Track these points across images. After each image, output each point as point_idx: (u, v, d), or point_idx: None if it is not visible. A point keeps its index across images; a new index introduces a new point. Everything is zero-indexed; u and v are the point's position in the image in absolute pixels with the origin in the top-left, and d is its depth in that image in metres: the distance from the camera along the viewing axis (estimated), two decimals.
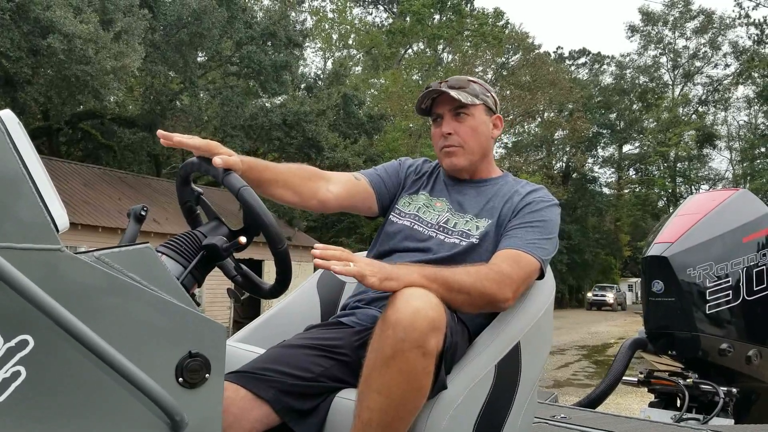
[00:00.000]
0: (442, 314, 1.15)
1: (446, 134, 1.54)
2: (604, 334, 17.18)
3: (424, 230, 1.51)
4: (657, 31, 40.49)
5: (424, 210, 1.56)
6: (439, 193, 1.59)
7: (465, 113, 1.54)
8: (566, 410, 2.51)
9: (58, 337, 0.83)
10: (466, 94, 1.53)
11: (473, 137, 1.54)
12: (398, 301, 1.14)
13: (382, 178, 1.62)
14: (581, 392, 6.81)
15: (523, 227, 1.45)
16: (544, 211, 1.49)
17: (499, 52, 30.80)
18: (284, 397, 1.26)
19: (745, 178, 35.38)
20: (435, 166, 1.67)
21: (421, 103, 1.58)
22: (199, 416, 0.94)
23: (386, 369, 1.12)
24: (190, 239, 1.17)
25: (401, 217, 1.56)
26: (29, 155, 0.87)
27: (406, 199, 1.60)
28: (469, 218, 1.51)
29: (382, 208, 1.62)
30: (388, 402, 1.13)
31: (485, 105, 1.57)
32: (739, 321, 2.76)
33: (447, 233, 1.49)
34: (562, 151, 38.37)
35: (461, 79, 1.57)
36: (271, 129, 17.21)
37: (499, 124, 1.61)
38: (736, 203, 2.89)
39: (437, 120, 1.58)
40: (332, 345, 1.35)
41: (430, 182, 1.63)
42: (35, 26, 11.55)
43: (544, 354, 1.53)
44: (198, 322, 0.96)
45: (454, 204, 1.55)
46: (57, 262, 0.84)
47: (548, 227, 1.46)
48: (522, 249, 1.40)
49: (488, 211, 1.51)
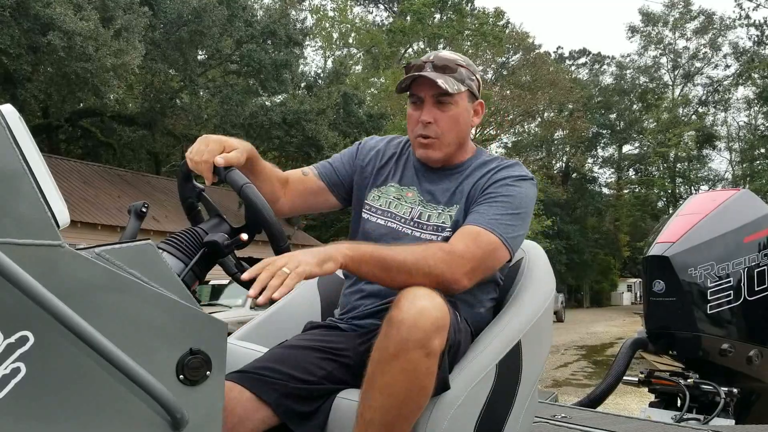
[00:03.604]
0: (446, 314, 1.14)
1: (425, 123, 1.40)
2: (602, 334, 17.19)
3: (399, 227, 1.42)
4: (657, 31, 40.47)
5: (396, 204, 1.46)
6: (409, 181, 1.47)
7: (448, 101, 1.39)
8: (567, 410, 2.51)
9: (59, 333, 0.82)
10: (452, 80, 1.38)
11: (454, 128, 1.41)
12: (403, 301, 1.13)
13: (334, 168, 1.52)
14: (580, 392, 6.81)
15: (487, 202, 1.35)
16: (512, 186, 1.37)
17: (500, 51, 30.79)
18: (286, 400, 1.26)
19: (744, 179, 35.37)
20: (404, 147, 1.53)
21: (402, 82, 1.42)
22: (199, 413, 0.94)
23: (389, 368, 1.11)
24: (192, 236, 1.17)
25: (373, 214, 1.47)
26: (30, 150, 0.86)
27: (375, 192, 1.49)
28: (441, 209, 1.42)
29: (344, 199, 1.53)
30: (390, 401, 1.13)
31: (469, 91, 1.43)
32: (740, 321, 2.76)
33: (422, 228, 1.41)
34: (561, 151, 38.38)
35: (449, 60, 1.41)
36: (271, 128, 17.20)
37: (480, 110, 1.48)
38: (737, 203, 2.88)
39: (416, 102, 1.42)
40: (335, 348, 1.34)
41: (399, 168, 1.50)
42: (35, 23, 11.54)
43: (544, 353, 1.53)
44: (199, 320, 0.95)
45: (425, 194, 1.45)
46: (57, 258, 0.84)
47: (515, 202, 1.35)
48: (481, 225, 1.29)
49: (457, 195, 1.42)
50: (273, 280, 1.03)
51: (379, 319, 1.33)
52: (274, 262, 1.07)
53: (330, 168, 1.52)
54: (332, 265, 1.12)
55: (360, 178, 1.52)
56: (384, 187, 1.49)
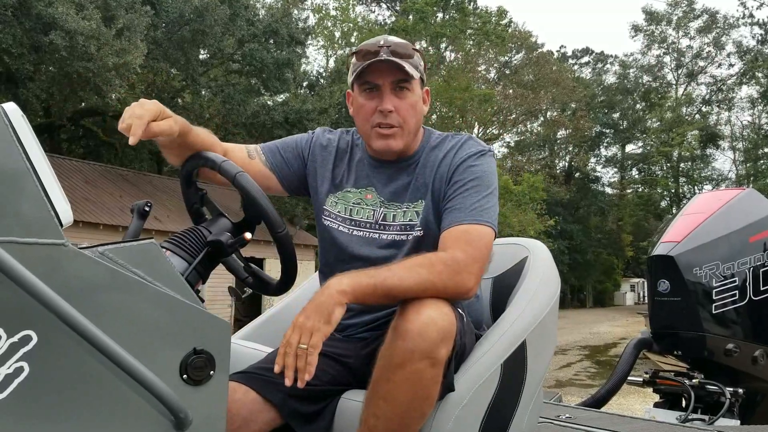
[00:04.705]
0: (453, 323, 1.13)
1: (387, 111, 1.32)
2: (606, 335, 17.17)
3: (365, 233, 1.37)
4: (660, 30, 40.40)
5: (357, 210, 1.39)
6: (365, 183, 1.41)
7: (407, 87, 1.33)
8: (571, 410, 2.50)
9: (62, 332, 0.81)
10: (410, 65, 1.31)
11: (413, 116, 1.35)
12: (409, 310, 1.12)
13: (285, 159, 1.44)
14: (583, 392, 6.80)
15: (460, 194, 1.30)
16: (475, 166, 1.33)
17: (502, 50, 30.76)
18: (291, 401, 1.25)
19: (748, 178, 35.31)
20: (351, 144, 1.47)
21: (357, 68, 1.33)
22: (203, 413, 0.93)
23: (394, 377, 1.10)
24: (195, 235, 1.16)
25: (334, 221, 1.40)
26: (33, 149, 0.86)
27: (332, 198, 1.43)
28: (406, 207, 1.36)
29: (292, 189, 1.47)
30: (393, 410, 1.12)
31: (421, 78, 1.37)
32: (746, 321, 2.75)
33: (388, 229, 1.36)
34: (564, 151, 38.35)
35: (405, 45, 1.34)
36: (273, 127, 17.21)
37: (426, 98, 1.42)
38: (742, 203, 2.87)
39: (371, 90, 1.34)
40: (338, 353, 1.33)
41: (352, 169, 1.43)
42: (37, 23, 11.56)
43: (549, 353, 1.52)
44: (203, 319, 0.94)
45: (384, 194, 1.39)
46: (61, 256, 0.83)
47: (484, 182, 1.31)
48: (466, 221, 1.25)
49: (419, 189, 1.36)
50: (298, 362, 1.06)
51: (379, 329, 1.31)
52: (290, 342, 1.08)
53: (280, 158, 1.44)
54: (340, 312, 1.10)
55: (313, 176, 1.46)
56: (341, 193, 1.43)
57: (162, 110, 1.16)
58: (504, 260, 1.63)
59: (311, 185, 1.48)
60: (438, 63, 29.00)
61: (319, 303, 1.10)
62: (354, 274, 1.15)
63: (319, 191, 1.46)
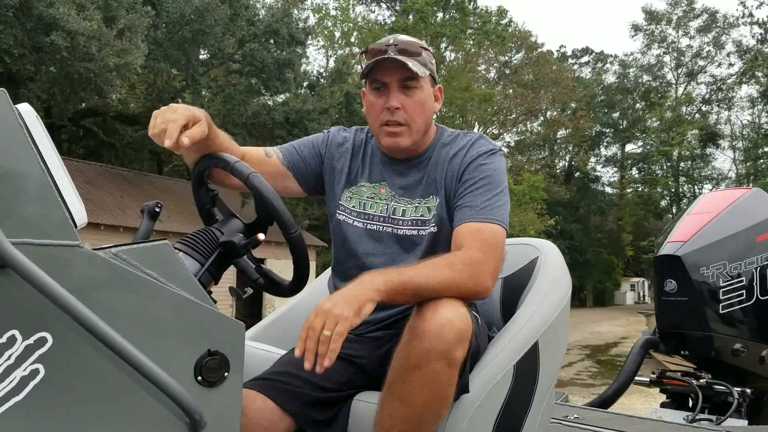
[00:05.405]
0: (469, 325, 1.12)
1: (393, 109, 1.34)
2: (606, 334, 17.17)
3: (378, 227, 1.39)
4: (660, 29, 40.38)
5: (371, 204, 1.41)
6: (378, 177, 1.43)
7: (414, 86, 1.35)
8: (578, 410, 2.49)
9: (77, 334, 0.81)
10: (417, 63, 1.33)
11: (421, 114, 1.37)
12: (426, 311, 1.11)
13: (303, 157, 1.46)
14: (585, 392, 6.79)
15: (470, 192, 1.31)
16: (486, 165, 1.34)
17: (502, 50, 30.77)
18: (307, 409, 1.24)
19: (748, 177, 35.28)
20: (365, 141, 1.49)
21: (366, 67, 1.36)
22: (217, 415, 0.93)
23: (410, 378, 1.10)
24: (208, 236, 1.16)
25: (349, 216, 1.43)
26: (47, 150, 0.85)
27: (347, 193, 1.45)
28: (418, 202, 1.38)
29: (310, 189, 1.49)
30: (410, 411, 1.11)
31: (431, 75, 1.39)
32: (753, 321, 2.74)
33: (399, 224, 1.38)
34: (564, 150, 38.35)
35: (413, 44, 1.36)
36: (274, 127, 17.20)
37: (439, 96, 1.44)
38: (749, 202, 2.87)
39: (380, 89, 1.36)
40: (352, 354, 1.32)
41: (366, 165, 1.46)
42: (38, 23, 11.54)
43: (561, 353, 1.51)
44: (217, 320, 0.94)
45: (397, 189, 1.41)
46: (75, 258, 0.83)
47: (495, 180, 1.33)
48: (479, 219, 1.27)
49: (431, 185, 1.38)
50: (320, 347, 1.03)
51: (391, 328, 1.31)
52: (313, 326, 1.05)
53: (297, 156, 1.46)
54: (370, 308, 1.08)
55: (330, 174, 1.47)
56: (355, 187, 1.45)
57: (193, 114, 1.16)
58: (514, 261, 1.62)
59: (327, 183, 1.49)
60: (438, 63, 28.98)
61: (351, 295, 1.08)
62: (385, 272, 1.14)
63: (336, 188, 1.47)
